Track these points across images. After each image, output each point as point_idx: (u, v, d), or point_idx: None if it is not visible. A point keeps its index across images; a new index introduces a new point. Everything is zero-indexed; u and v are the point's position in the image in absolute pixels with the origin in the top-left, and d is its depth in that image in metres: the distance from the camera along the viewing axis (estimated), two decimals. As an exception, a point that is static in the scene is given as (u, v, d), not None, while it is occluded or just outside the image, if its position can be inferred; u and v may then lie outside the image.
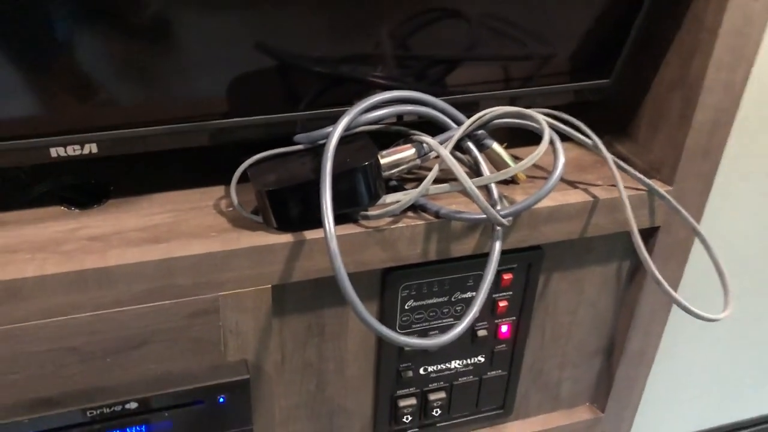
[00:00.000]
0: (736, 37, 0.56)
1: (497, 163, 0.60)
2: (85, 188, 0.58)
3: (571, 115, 0.63)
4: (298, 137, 0.56)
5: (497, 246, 0.56)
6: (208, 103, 0.54)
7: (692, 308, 0.58)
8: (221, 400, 0.56)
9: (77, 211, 0.56)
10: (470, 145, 0.58)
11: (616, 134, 0.70)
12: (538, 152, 0.53)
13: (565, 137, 0.60)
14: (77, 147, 0.51)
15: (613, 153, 0.66)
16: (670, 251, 0.66)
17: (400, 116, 0.59)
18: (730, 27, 0.55)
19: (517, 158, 0.60)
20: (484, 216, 0.54)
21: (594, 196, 0.61)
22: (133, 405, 0.53)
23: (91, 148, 0.52)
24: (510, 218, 0.55)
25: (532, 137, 0.58)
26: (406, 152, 0.57)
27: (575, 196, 0.61)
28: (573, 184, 0.63)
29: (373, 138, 0.56)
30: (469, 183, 0.52)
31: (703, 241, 0.61)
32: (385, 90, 0.56)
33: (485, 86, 0.63)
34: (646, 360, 0.75)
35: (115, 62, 0.49)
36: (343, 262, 0.49)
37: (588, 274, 0.68)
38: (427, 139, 0.56)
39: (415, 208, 0.57)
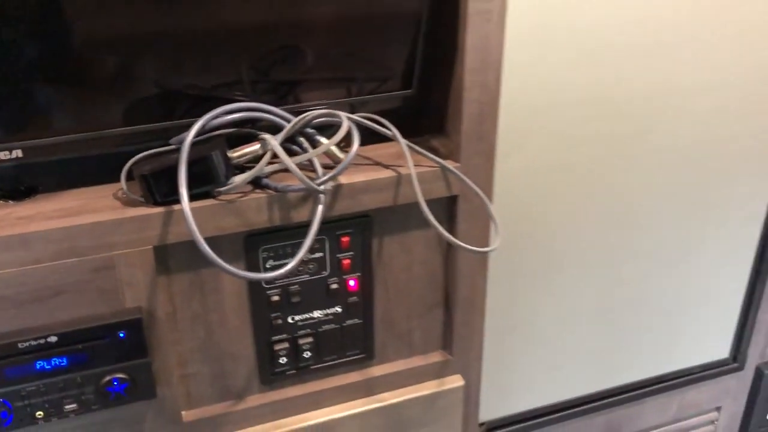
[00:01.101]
0: (480, 50, 0.78)
1: (329, 153, 0.82)
2: (19, 188, 0.79)
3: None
4: (171, 140, 0.77)
5: (319, 209, 0.77)
6: (107, 116, 0.76)
7: (462, 243, 0.79)
8: (121, 335, 0.75)
9: (12, 202, 0.77)
10: (302, 139, 0.80)
11: (435, 132, 0.91)
12: (338, 136, 0.74)
13: (380, 135, 0.82)
14: (6, 152, 0.72)
15: (429, 145, 0.88)
16: (471, 213, 0.87)
17: (254, 121, 0.81)
18: (474, 43, 0.78)
19: (346, 150, 0.81)
20: (304, 186, 0.75)
21: (398, 173, 0.82)
22: (54, 339, 0.73)
23: (17, 153, 0.73)
24: (325, 186, 0.76)
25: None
26: (253, 147, 0.78)
27: (385, 173, 0.82)
28: (388, 166, 0.84)
29: (242, 137, 0.78)
30: (288, 160, 0.73)
31: (484, 201, 0.82)
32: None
33: (325, 97, 0.85)
34: (477, 307, 0.95)
35: (32, 88, 0.71)
36: (202, 227, 0.69)
37: (413, 237, 0.88)
38: (266, 136, 0.78)
39: (262, 186, 0.78)
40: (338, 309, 0.89)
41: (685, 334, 1.26)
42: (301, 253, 0.75)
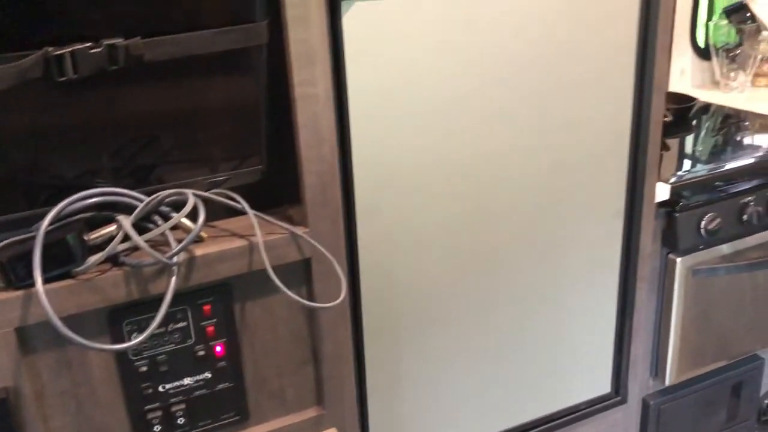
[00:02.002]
0: (312, 128, 0.88)
1: (186, 229, 0.89)
2: None
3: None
4: (33, 227, 0.84)
5: (173, 281, 0.83)
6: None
7: (303, 300, 0.86)
8: (-14, 416, 0.79)
9: None
10: (158, 218, 0.87)
11: (291, 201, 1.00)
12: (184, 211, 0.82)
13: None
14: None
15: (286, 214, 0.96)
16: (325, 273, 0.95)
17: (114, 204, 0.88)
18: (305, 122, 0.88)
19: (208, 226, 0.88)
20: (155, 260, 0.82)
21: (251, 242, 0.90)
22: None
23: None
24: (177, 258, 0.83)
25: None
26: (110, 228, 0.85)
27: (238, 243, 0.89)
28: (242, 236, 0.92)
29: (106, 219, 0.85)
30: (137, 237, 0.81)
31: (330, 261, 0.90)
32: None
33: (185, 177, 0.93)
34: (345, 360, 1.01)
35: None
36: (62, 306, 0.75)
37: (274, 299, 0.95)
38: (120, 217, 0.85)
39: (119, 263, 0.85)
40: (208, 374, 0.94)
41: (567, 372, 1.35)
42: (153, 326, 0.81)
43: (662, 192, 1.31)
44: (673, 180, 1.33)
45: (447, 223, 1.12)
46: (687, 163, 1.49)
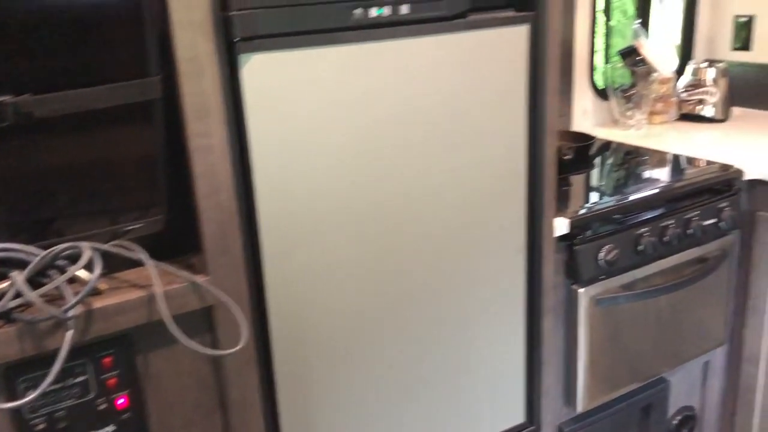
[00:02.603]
0: (209, 177, 0.90)
1: (81, 280, 0.89)
2: None
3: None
4: None
5: (68, 335, 0.83)
6: None
7: (201, 348, 0.87)
8: None
9: None
10: (54, 272, 0.87)
11: (195, 251, 1.01)
12: (79, 264, 0.82)
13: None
14: None
15: (189, 263, 0.97)
16: (230, 319, 0.96)
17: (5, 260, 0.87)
18: (202, 172, 0.90)
19: (108, 278, 0.89)
20: (49, 315, 0.81)
21: (150, 293, 0.90)
22: None
23: None
24: (70, 312, 0.83)
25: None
26: (3, 284, 0.84)
27: (138, 294, 0.90)
28: (143, 287, 0.92)
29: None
30: (28, 292, 0.80)
31: (229, 305, 0.91)
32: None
33: (86, 229, 0.93)
34: (253, 407, 1.02)
35: None
36: None
37: (178, 348, 0.96)
38: (13, 273, 0.84)
39: (12, 319, 0.84)
40: (111, 428, 0.93)
41: (481, 404, 1.38)
42: (46, 382, 0.80)
43: (561, 226, 1.39)
44: (572, 214, 1.41)
45: (356, 264, 1.15)
46: (588, 198, 1.57)
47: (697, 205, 1.56)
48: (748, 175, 1.62)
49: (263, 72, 1.00)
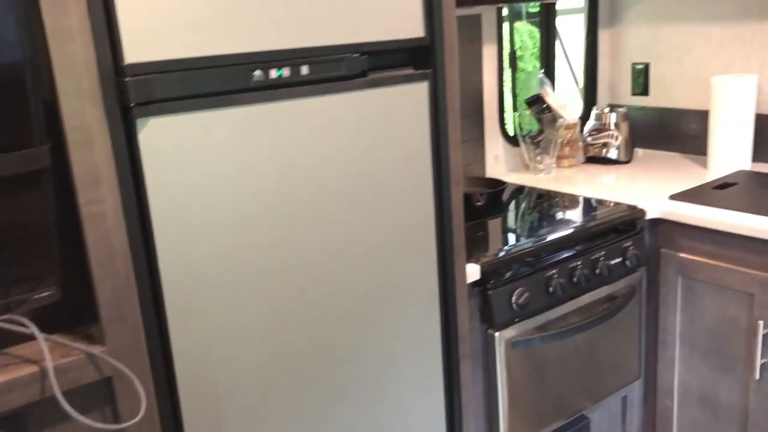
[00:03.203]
0: (103, 245, 0.89)
1: (-31, 360, 0.85)
2: None
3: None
4: None
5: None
6: None
7: (97, 423, 0.85)
8: None
9: None
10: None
11: (92, 320, 0.98)
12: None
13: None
14: None
15: (88, 333, 0.94)
16: (131, 390, 0.93)
17: None
18: (95, 240, 0.88)
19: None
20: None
21: (43, 368, 0.87)
22: None
23: None
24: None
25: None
26: None
27: (29, 370, 0.86)
28: (33, 362, 0.88)
29: None
30: None
31: (128, 375, 0.89)
32: None
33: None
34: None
35: None
36: None
37: (76, 425, 0.92)
38: None
39: None
40: None
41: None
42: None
43: (473, 273, 1.42)
44: (483, 260, 1.44)
45: (265, 324, 1.14)
46: (499, 243, 1.62)
47: (603, 245, 1.62)
48: (651, 214, 1.70)
49: (161, 136, 1.00)
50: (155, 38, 0.96)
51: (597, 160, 2.18)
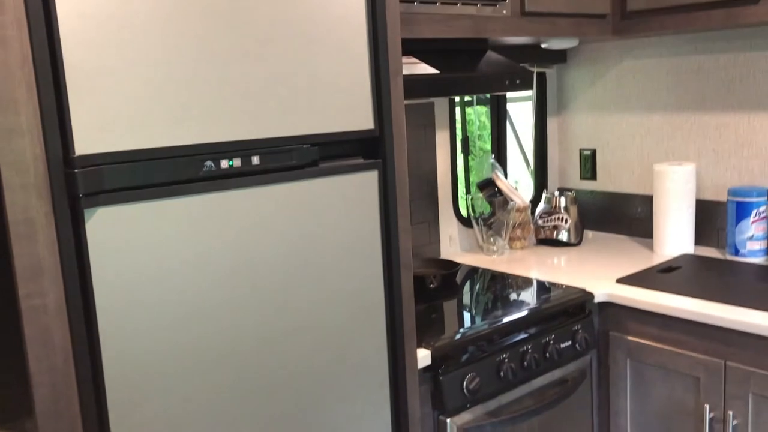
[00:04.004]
0: (41, 339, 0.87)
1: None
2: None
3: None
4: None
5: None
6: None
7: None
8: None
9: None
10: None
11: (30, 417, 0.95)
12: None
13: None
14: None
15: (24, 428, 0.91)
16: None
17: None
18: (34, 334, 0.87)
19: None
20: None
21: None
22: None
23: None
24: None
25: None
26: None
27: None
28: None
29: None
30: None
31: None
32: None
33: None
34: None
35: None
36: None
37: None
38: None
39: None
40: None
41: None
42: None
43: (424, 357, 1.42)
44: (434, 345, 1.45)
45: (210, 416, 1.12)
46: (452, 326, 1.63)
47: (553, 329, 1.65)
48: (599, 297, 1.74)
49: (109, 226, 1.00)
50: (106, 130, 0.98)
51: (548, 242, 2.24)
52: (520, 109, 2.47)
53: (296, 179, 1.19)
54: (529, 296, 1.76)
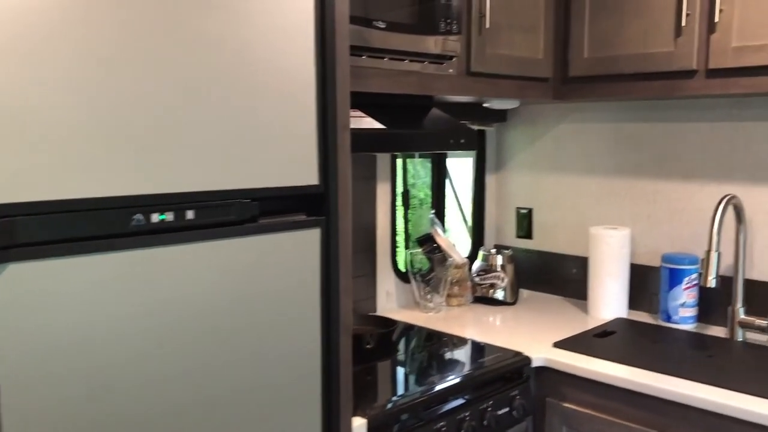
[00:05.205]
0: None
1: None
2: None
3: None
4: None
5: None
6: None
7: None
8: None
9: None
10: None
11: None
12: None
13: None
14: None
15: None
16: None
17: None
18: None
19: None
20: None
21: None
22: None
23: None
24: None
25: None
26: None
27: None
28: None
29: None
30: None
31: None
32: None
33: None
34: None
35: None
36: None
37: None
38: None
39: None
40: None
41: None
42: None
43: (360, 427, 1.34)
44: (370, 414, 1.37)
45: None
46: (388, 392, 1.55)
47: (491, 395, 1.60)
48: (536, 362, 1.71)
49: (21, 284, 0.90)
50: (21, 178, 0.88)
51: (484, 300, 2.21)
52: (460, 165, 2.47)
53: (234, 236, 1.11)
54: (466, 359, 1.72)
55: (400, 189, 2.23)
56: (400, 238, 2.22)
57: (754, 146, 1.88)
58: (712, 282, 1.69)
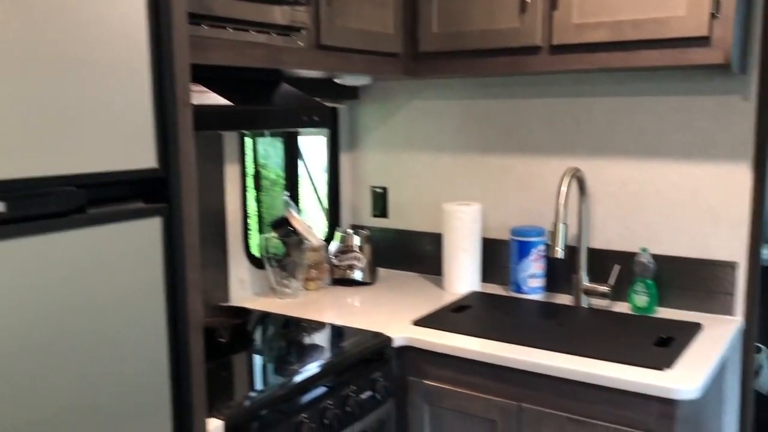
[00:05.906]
0: None
1: None
2: None
3: None
4: None
5: None
6: None
7: None
8: None
9: None
10: None
11: None
12: None
13: None
14: None
15: None
16: None
17: None
18: None
19: None
20: None
21: None
22: None
23: None
24: None
25: None
26: None
27: None
28: None
29: None
30: None
31: None
32: None
33: None
34: None
35: None
36: None
37: None
38: None
39: None
40: None
41: None
42: None
43: (217, 429, 1.24)
44: (227, 412, 1.27)
45: None
46: (245, 387, 1.46)
47: (353, 380, 1.56)
48: (397, 342, 1.69)
49: None
50: None
51: (343, 281, 2.17)
52: (312, 144, 2.39)
53: (57, 229, 0.96)
54: (326, 345, 1.66)
55: (250, 170, 2.11)
56: (253, 222, 2.11)
57: (596, 121, 1.97)
58: (560, 253, 1.75)
